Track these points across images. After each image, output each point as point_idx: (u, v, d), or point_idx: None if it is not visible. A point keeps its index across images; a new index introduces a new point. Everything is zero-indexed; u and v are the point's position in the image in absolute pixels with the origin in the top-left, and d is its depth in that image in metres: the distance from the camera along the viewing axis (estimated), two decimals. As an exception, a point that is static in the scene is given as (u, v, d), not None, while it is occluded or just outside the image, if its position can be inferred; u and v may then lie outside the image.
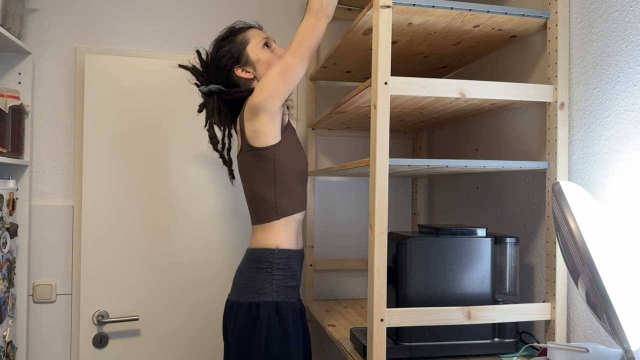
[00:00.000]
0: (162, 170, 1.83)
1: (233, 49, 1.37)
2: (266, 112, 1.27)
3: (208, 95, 1.41)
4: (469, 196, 1.74)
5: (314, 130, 1.97)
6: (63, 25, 1.81)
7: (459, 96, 1.19)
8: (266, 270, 1.30)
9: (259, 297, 1.27)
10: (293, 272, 1.33)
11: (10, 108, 1.58)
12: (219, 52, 1.38)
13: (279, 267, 1.30)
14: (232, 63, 1.37)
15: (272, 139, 1.29)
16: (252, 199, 1.35)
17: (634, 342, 0.87)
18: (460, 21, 1.24)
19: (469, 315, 1.18)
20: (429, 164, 1.18)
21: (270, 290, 1.28)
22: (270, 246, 1.31)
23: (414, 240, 1.22)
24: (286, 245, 1.32)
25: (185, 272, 1.84)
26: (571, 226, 0.90)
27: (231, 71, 1.38)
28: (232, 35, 1.40)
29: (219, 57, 1.38)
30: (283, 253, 1.31)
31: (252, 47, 1.38)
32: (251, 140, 1.30)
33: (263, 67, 1.37)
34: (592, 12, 1.17)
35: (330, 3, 1.24)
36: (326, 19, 1.24)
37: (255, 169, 1.32)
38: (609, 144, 1.12)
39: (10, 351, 1.59)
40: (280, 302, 1.28)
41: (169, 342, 1.82)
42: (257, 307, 1.26)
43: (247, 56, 1.37)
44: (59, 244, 1.78)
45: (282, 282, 1.30)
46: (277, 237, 1.32)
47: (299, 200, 1.35)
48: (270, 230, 1.32)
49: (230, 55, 1.37)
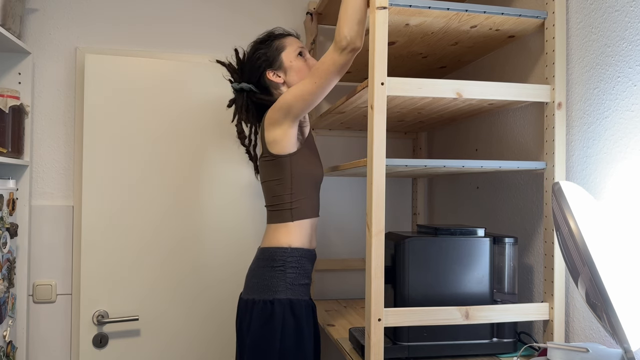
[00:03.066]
0: (162, 170, 1.83)
1: (269, 53, 1.42)
2: (282, 126, 1.33)
3: (239, 92, 1.46)
4: (468, 196, 1.74)
5: (314, 130, 1.97)
6: (63, 25, 1.81)
7: (456, 96, 1.18)
8: (280, 269, 1.33)
9: (274, 295, 1.30)
10: (305, 270, 1.36)
11: (10, 108, 1.58)
12: (255, 53, 1.43)
13: (292, 266, 1.34)
14: (266, 66, 1.41)
15: (289, 148, 1.35)
16: (270, 199, 1.40)
17: (634, 342, 0.86)
18: (457, 22, 1.24)
19: (467, 315, 1.18)
20: (426, 164, 1.18)
21: (284, 288, 1.32)
22: (283, 245, 1.35)
23: (412, 240, 1.22)
24: (299, 245, 1.36)
25: (186, 272, 1.85)
26: (571, 226, 0.89)
27: (263, 73, 1.42)
28: (270, 39, 1.44)
29: (255, 58, 1.43)
30: (296, 252, 1.35)
31: (288, 53, 1.42)
32: (270, 147, 1.36)
33: (294, 74, 1.42)
34: (592, 12, 1.17)
35: (356, 34, 1.17)
36: (352, 53, 1.20)
37: (274, 173, 1.38)
38: (609, 144, 1.12)
39: (10, 351, 1.60)
40: (294, 299, 1.32)
41: (169, 342, 1.82)
42: (271, 304, 1.30)
43: (281, 61, 1.41)
44: (59, 244, 1.78)
45: (295, 280, 1.33)
46: (290, 237, 1.36)
47: (314, 206, 1.40)
48: (284, 229, 1.36)
49: (265, 58, 1.41)
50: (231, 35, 1.95)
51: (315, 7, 1.89)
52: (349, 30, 1.17)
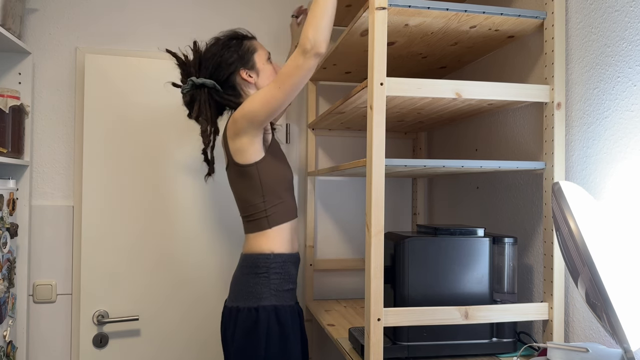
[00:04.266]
0: (162, 170, 1.83)
1: (241, 51, 1.38)
2: (247, 134, 1.30)
3: (199, 87, 1.39)
4: (468, 196, 1.74)
5: (314, 130, 1.97)
6: (63, 25, 1.81)
7: (456, 97, 1.18)
8: (263, 275, 1.31)
9: (258, 302, 1.29)
10: (289, 275, 1.35)
11: (10, 108, 1.58)
12: (226, 50, 1.38)
13: (275, 272, 1.32)
14: (239, 64, 1.38)
15: (255, 156, 1.32)
16: (244, 209, 1.37)
17: (634, 342, 0.86)
18: (457, 22, 1.24)
19: (466, 315, 1.18)
20: (425, 164, 1.18)
21: (268, 294, 1.30)
22: (266, 251, 1.33)
23: (412, 240, 1.22)
24: (281, 250, 1.34)
25: (186, 272, 1.85)
26: (571, 226, 0.89)
27: (235, 71, 1.38)
28: (239, 38, 1.41)
29: (226, 55, 1.37)
30: (279, 257, 1.33)
31: (259, 56, 1.41)
32: (235, 157, 1.33)
33: (265, 78, 1.40)
34: (592, 12, 1.16)
35: (322, 38, 1.17)
36: (315, 57, 1.19)
37: (244, 183, 1.35)
38: (609, 144, 1.11)
39: (10, 351, 1.60)
40: (279, 305, 1.30)
41: (168, 342, 1.83)
42: (256, 311, 1.28)
43: (254, 62, 1.39)
44: (59, 244, 1.78)
45: (279, 285, 1.32)
46: (271, 243, 1.34)
47: (289, 209, 1.38)
48: (264, 237, 1.34)
49: (237, 57, 1.38)
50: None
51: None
52: (314, 33, 1.16)
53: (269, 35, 1.98)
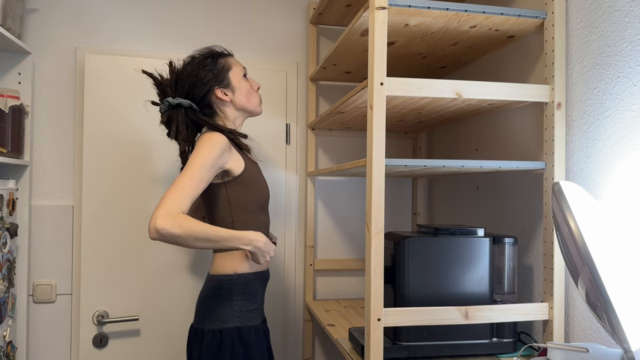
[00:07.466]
0: (162, 170, 1.83)
1: (215, 70, 1.37)
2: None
3: (175, 108, 1.37)
4: (469, 196, 1.74)
5: (314, 130, 1.97)
6: (63, 25, 1.81)
7: (456, 97, 1.18)
8: (226, 297, 1.31)
9: (222, 324, 1.29)
10: (253, 295, 1.34)
11: (10, 108, 1.58)
12: (200, 70, 1.37)
13: (238, 292, 1.32)
14: (214, 83, 1.37)
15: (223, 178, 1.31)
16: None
17: (634, 342, 0.86)
18: (457, 22, 1.24)
19: (466, 315, 1.17)
20: (425, 164, 1.18)
21: (231, 316, 1.30)
22: (229, 272, 1.32)
23: (412, 240, 1.22)
24: (244, 270, 1.33)
25: (186, 272, 1.85)
26: (571, 226, 0.89)
27: (210, 90, 1.37)
28: (214, 57, 1.40)
29: (201, 74, 1.36)
30: (242, 278, 1.32)
31: (235, 73, 1.40)
32: None
33: (242, 95, 1.39)
34: (592, 12, 1.16)
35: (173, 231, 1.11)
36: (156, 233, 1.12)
37: (211, 200, 1.34)
38: (609, 144, 1.11)
39: (10, 351, 1.60)
40: (243, 327, 1.30)
41: (169, 342, 1.82)
42: (220, 334, 1.28)
43: (229, 80, 1.39)
44: (59, 244, 1.78)
45: (242, 306, 1.31)
46: (235, 262, 1.33)
47: (259, 227, 1.36)
48: (229, 257, 1.33)
49: (212, 76, 1.36)
50: (230, 37, 1.95)
51: (315, 7, 1.89)
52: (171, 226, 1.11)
53: (269, 35, 1.98)
